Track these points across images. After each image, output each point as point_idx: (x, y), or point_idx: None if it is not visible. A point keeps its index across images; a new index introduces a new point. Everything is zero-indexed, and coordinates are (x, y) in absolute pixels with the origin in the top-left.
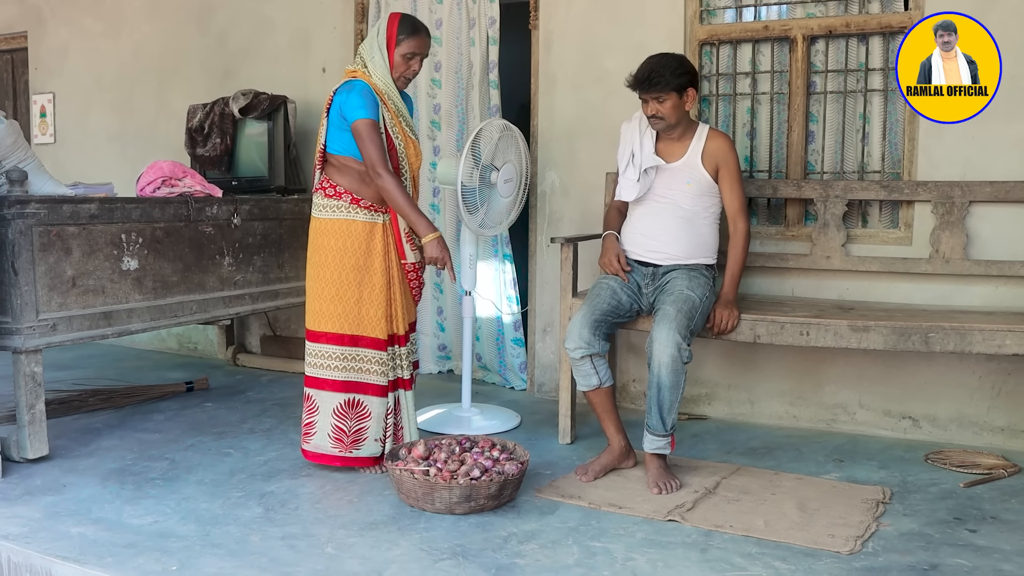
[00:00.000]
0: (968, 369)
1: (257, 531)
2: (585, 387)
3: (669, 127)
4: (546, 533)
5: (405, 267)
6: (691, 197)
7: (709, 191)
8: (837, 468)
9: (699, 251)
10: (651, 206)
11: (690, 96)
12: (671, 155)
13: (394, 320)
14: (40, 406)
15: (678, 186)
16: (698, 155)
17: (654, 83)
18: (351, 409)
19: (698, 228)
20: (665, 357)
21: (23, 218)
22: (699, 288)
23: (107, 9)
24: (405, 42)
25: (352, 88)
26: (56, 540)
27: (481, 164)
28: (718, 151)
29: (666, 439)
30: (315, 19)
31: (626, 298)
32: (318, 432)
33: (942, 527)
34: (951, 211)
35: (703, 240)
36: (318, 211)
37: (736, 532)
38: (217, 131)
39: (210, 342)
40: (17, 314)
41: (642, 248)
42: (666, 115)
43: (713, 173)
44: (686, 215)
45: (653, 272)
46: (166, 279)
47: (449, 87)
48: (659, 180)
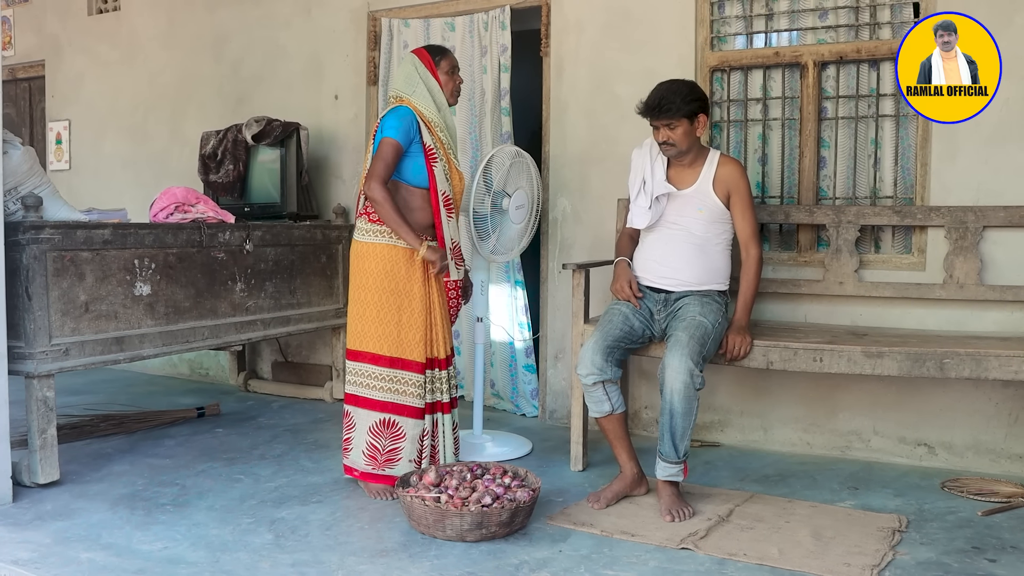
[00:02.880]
0: (984, 395)
1: (267, 558)
2: (597, 413)
3: (680, 153)
4: (558, 561)
5: (447, 285)
6: (703, 224)
7: (721, 217)
8: (852, 496)
9: (711, 277)
10: (663, 233)
11: (701, 122)
12: (682, 182)
13: (434, 344)
14: (52, 431)
15: (690, 213)
16: (709, 182)
17: (664, 110)
18: (386, 428)
19: (710, 254)
20: (677, 384)
21: (37, 243)
22: (711, 314)
23: (123, 38)
24: (443, 61)
25: (395, 111)
26: (66, 565)
27: (493, 190)
28: (729, 177)
29: (679, 466)
30: (328, 47)
31: (638, 324)
32: (354, 448)
33: (961, 556)
34: (965, 236)
35: (715, 266)
36: (361, 235)
37: (750, 561)
38: (230, 158)
39: (221, 368)
40: (30, 339)
41: (654, 275)
42: (677, 141)
43: (725, 199)
44: (698, 242)
45: (665, 298)
46: (178, 304)
47: (463, 114)
48: (671, 207)
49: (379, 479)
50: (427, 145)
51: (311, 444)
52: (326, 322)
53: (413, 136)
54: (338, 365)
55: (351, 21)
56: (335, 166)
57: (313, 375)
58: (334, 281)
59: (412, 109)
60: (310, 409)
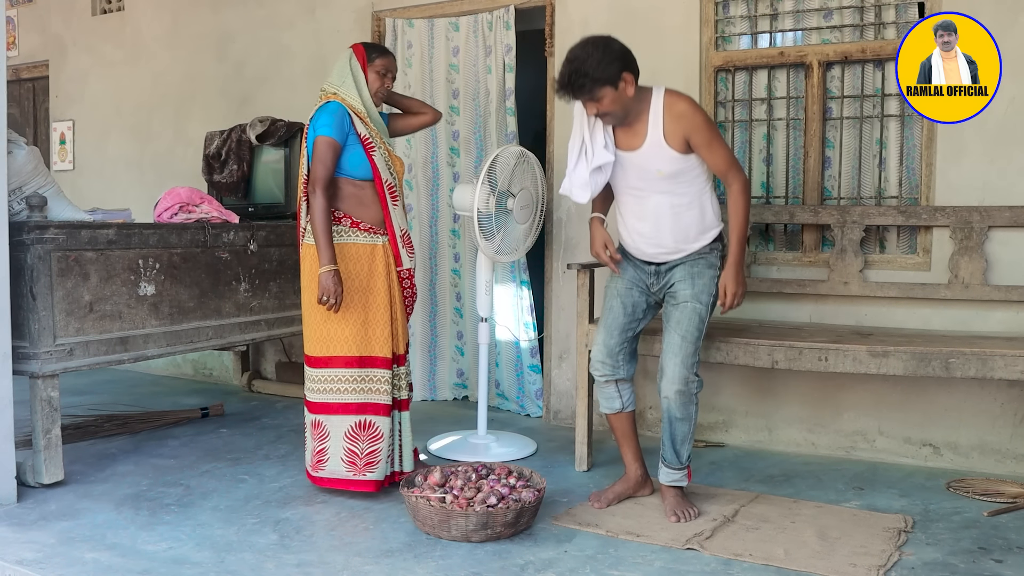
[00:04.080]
0: (990, 395)
1: (272, 558)
2: (607, 410)
3: (619, 119)
4: (563, 561)
5: (401, 274)
6: (669, 182)
7: (686, 166)
8: (857, 496)
9: (697, 232)
10: (634, 202)
11: (627, 81)
12: (631, 142)
13: (396, 338)
14: (56, 431)
15: (651, 176)
16: (659, 134)
17: (578, 87)
18: (363, 431)
19: (688, 212)
20: (671, 392)
21: (42, 243)
22: (705, 291)
23: (127, 38)
24: (378, 59)
25: (324, 108)
26: (70, 566)
27: (497, 190)
28: (680, 120)
29: (682, 471)
30: (332, 47)
31: (639, 295)
32: (331, 458)
33: (967, 557)
34: (970, 236)
35: (698, 220)
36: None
37: (756, 561)
38: (234, 158)
39: (225, 368)
40: (35, 339)
41: (639, 251)
42: (610, 111)
43: (683, 146)
44: (670, 202)
45: (656, 270)
46: (182, 305)
47: (467, 114)
48: (629, 172)
49: (359, 485)
50: (363, 136)
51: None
52: None
53: (347, 129)
54: None
55: (355, 21)
56: None
57: None
58: None
59: (341, 102)
60: None
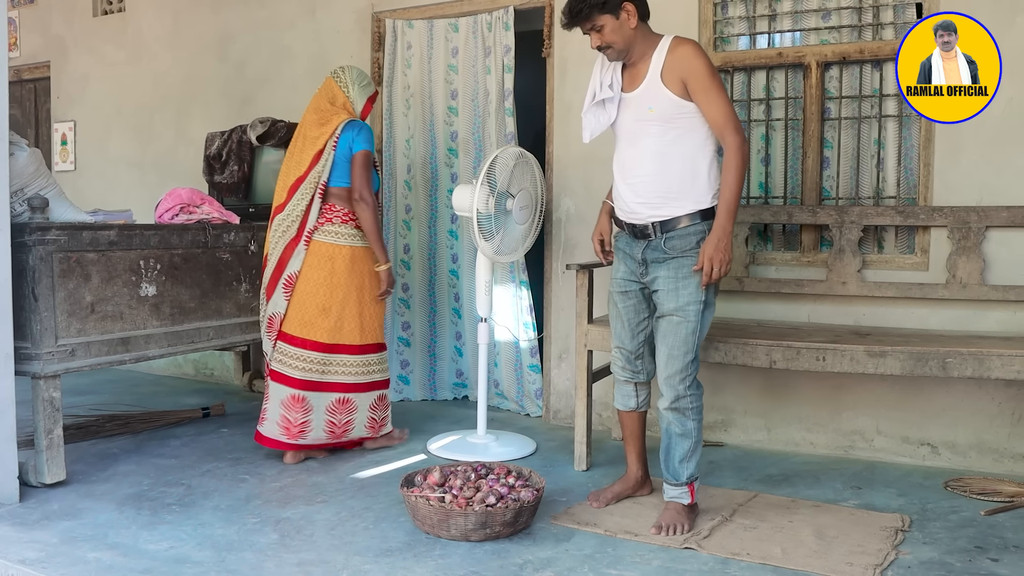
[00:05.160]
0: (987, 395)
1: (272, 557)
2: (620, 406)
3: (621, 53)
4: (562, 560)
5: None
6: (659, 126)
7: (680, 112)
8: (855, 495)
9: (680, 190)
10: (625, 147)
11: (629, 11)
12: (632, 83)
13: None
14: (58, 431)
15: (643, 114)
16: (658, 72)
17: (576, 12)
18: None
19: (677, 164)
20: (663, 408)
21: (44, 244)
22: (692, 300)
23: (128, 38)
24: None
25: (364, 126)
26: (73, 565)
27: (497, 191)
28: (679, 62)
29: (681, 488)
30: (332, 48)
31: (636, 291)
32: (356, 426)
33: (963, 556)
34: (968, 236)
35: (685, 179)
36: (334, 238)
37: (753, 560)
38: (235, 158)
39: (226, 368)
40: (36, 340)
41: (624, 206)
42: (611, 41)
43: (680, 90)
44: (659, 148)
45: (643, 257)
46: (183, 305)
47: (466, 115)
48: (625, 115)
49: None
50: (374, 155)
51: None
52: None
53: None
54: None
55: (355, 22)
56: None
57: None
58: None
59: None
60: None
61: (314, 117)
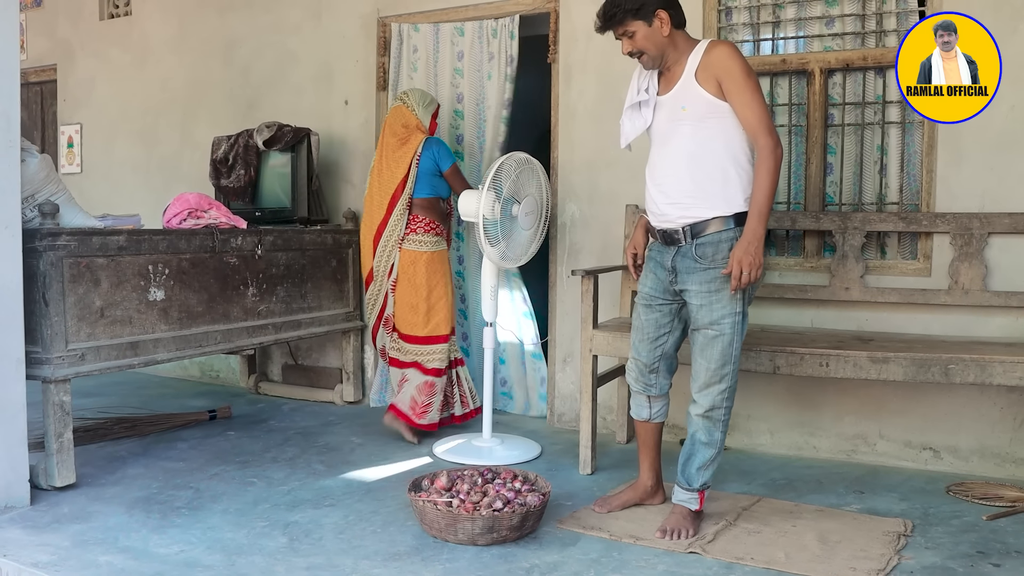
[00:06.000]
0: (989, 400)
1: (282, 561)
2: (635, 416)
3: (654, 60)
4: (568, 565)
5: None
6: (691, 125)
7: (713, 111)
8: (858, 500)
9: (709, 192)
10: (658, 149)
11: (662, 19)
12: (667, 86)
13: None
14: (68, 435)
15: (677, 116)
16: (692, 72)
17: (609, 16)
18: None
19: (709, 165)
20: (694, 414)
21: (54, 250)
22: (728, 313)
23: (134, 42)
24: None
25: (439, 143)
26: (85, 568)
27: (503, 197)
28: (715, 62)
29: (692, 494)
30: (338, 52)
31: (663, 304)
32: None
33: (965, 561)
34: (970, 242)
35: (716, 181)
36: (422, 247)
37: (757, 564)
38: (241, 163)
39: (232, 371)
40: (47, 344)
41: (656, 208)
42: (642, 47)
43: (715, 89)
44: (690, 148)
45: (673, 266)
46: (191, 309)
47: (471, 119)
48: (660, 117)
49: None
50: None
51: (322, 447)
52: (336, 325)
53: None
54: (348, 368)
55: (361, 27)
56: (345, 171)
57: (323, 378)
58: (344, 285)
59: None
60: (320, 412)
61: (394, 140)
